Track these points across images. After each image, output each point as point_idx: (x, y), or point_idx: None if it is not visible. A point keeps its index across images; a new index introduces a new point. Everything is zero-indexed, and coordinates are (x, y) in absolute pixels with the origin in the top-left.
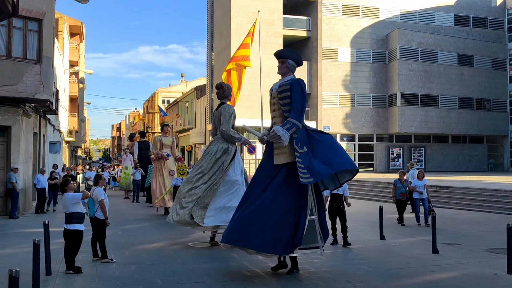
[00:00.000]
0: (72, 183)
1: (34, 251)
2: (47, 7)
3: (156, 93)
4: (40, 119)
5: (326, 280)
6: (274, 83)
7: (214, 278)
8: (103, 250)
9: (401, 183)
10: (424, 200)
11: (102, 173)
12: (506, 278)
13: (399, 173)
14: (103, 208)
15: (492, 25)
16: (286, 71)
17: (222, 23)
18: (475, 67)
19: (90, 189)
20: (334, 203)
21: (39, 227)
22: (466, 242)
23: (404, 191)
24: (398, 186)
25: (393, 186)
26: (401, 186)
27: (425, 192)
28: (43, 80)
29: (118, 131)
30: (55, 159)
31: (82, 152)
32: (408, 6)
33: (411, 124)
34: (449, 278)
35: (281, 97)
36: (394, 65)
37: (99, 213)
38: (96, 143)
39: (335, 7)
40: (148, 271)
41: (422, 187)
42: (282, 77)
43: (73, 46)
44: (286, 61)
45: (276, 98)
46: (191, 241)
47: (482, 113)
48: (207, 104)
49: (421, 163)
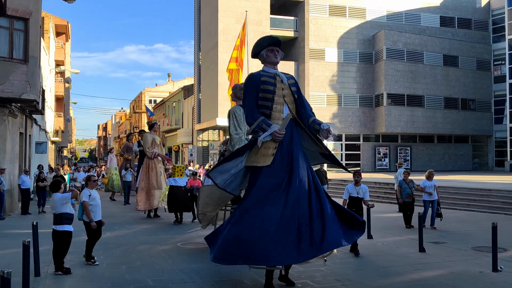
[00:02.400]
0: (63, 184)
1: (23, 252)
2: (33, 6)
3: (143, 93)
4: (26, 119)
5: (315, 279)
6: (268, 70)
7: (205, 278)
8: (87, 252)
9: (407, 183)
10: (434, 202)
11: (92, 174)
12: (491, 275)
13: (404, 173)
14: (86, 210)
15: (476, 26)
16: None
17: (210, 22)
18: (460, 67)
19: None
20: (353, 208)
21: (25, 228)
22: (452, 240)
23: (411, 192)
24: (404, 187)
25: (398, 187)
26: (407, 187)
27: (435, 193)
28: (29, 80)
29: (104, 131)
30: (41, 159)
31: (68, 152)
32: (394, 7)
33: (398, 124)
34: (436, 276)
35: (294, 91)
36: (381, 66)
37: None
38: (82, 143)
39: (322, 8)
40: (138, 272)
41: (432, 188)
42: (274, 67)
43: (59, 46)
44: (281, 52)
45: (288, 90)
46: (180, 241)
47: (467, 113)
48: (195, 104)
49: (407, 162)
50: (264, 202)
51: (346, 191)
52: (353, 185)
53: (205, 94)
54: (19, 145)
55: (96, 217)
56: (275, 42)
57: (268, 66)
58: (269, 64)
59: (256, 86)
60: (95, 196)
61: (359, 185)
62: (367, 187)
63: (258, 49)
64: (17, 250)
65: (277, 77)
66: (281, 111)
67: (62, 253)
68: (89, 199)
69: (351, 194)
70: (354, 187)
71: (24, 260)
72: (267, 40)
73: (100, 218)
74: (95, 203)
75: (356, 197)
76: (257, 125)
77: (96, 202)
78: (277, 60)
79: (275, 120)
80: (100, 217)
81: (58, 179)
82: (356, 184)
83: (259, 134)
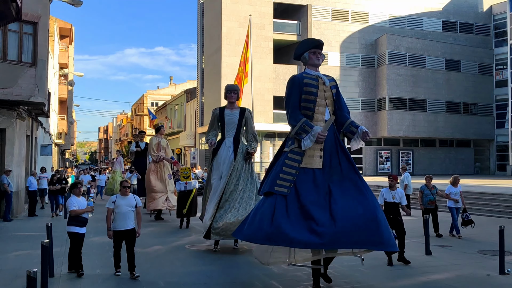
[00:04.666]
0: (80, 187)
1: (42, 253)
2: (42, 10)
3: (145, 96)
4: (33, 122)
5: (323, 281)
6: (311, 72)
7: (215, 280)
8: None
9: (429, 189)
10: (458, 209)
11: (80, 181)
12: (499, 278)
13: (426, 178)
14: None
15: (478, 30)
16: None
17: (213, 26)
18: (462, 72)
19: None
20: (390, 214)
21: (33, 230)
22: (457, 244)
23: (433, 198)
24: (426, 193)
25: (420, 193)
26: (429, 193)
27: (460, 200)
28: (38, 83)
29: (105, 133)
30: (45, 162)
31: (70, 154)
32: (396, 12)
33: (400, 128)
34: (444, 279)
35: (334, 93)
36: (383, 70)
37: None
38: (83, 146)
39: (325, 12)
40: (148, 274)
41: (458, 194)
42: (316, 69)
43: (63, 49)
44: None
45: (329, 93)
46: (187, 244)
47: (469, 117)
48: (197, 107)
49: (409, 166)
50: (315, 204)
51: (381, 196)
52: (388, 189)
53: (208, 97)
54: (26, 148)
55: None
56: (318, 45)
57: (310, 68)
58: (311, 66)
59: (299, 88)
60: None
61: (395, 189)
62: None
63: (301, 51)
64: (28, 251)
65: (319, 79)
66: (323, 113)
67: (74, 254)
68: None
69: (386, 199)
70: (389, 191)
71: (43, 260)
72: (310, 42)
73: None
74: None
75: (392, 202)
76: (299, 127)
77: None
78: (319, 62)
79: (317, 121)
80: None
81: (78, 181)
82: (391, 188)
83: (302, 135)
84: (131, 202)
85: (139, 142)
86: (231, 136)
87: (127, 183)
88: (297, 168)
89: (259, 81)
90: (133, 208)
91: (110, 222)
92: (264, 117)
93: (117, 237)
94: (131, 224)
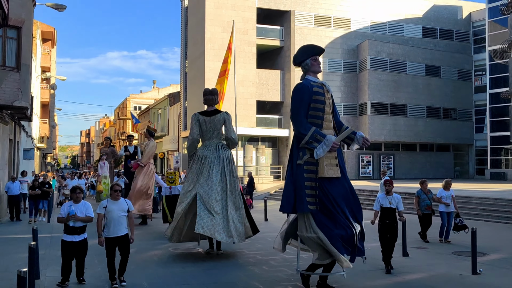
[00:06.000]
0: (79, 192)
1: (30, 255)
2: (26, 15)
3: (128, 100)
4: (15, 126)
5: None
6: (317, 80)
7: (199, 281)
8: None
9: (425, 194)
10: (450, 214)
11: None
12: (471, 278)
13: (421, 182)
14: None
15: (458, 37)
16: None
17: (197, 31)
18: (442, 77)
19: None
20: (386, 220)
21: (16, 233)
22: (434, 246)
23: (430, 203)
24: (423, 197)
25: (416, 198)
26: (426, 198)
27: (452, 204)
28: (21, 88)
29: (87, 137)
30: (27, 166)
31: (51, 158)
32: (378, 18)
33: (381, 132)
34: (419, 279)
35: (332, 101)
36: (365, 75)
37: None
38: (64, 150)
39: (308, 18)
40: (132, 275)
41: (450, 198)
42: (315, 76)
43: (45, 52)
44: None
45: (330, 100)
46: (171, 246)
47: (449, 122)
48: (181, 111)
49: (390, 170)
50: (333, 214)
51: (377, 201)
52: (384, 195)
53: (191, 101)
54: (9, 152)
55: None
56: (320, 52)
57: (310, 75)
58: (312, 73)
59: (309, 97)
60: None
61: (391, 195)
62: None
63: (304, 57)
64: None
65: (324, 87)
66: (330, 120)
67: (63, 262)
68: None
69: (383, 205)
70: (385, 197)
71: (30, 262)
72: (312, 49)
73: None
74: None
75: (389, 208)
76: (311, 136)
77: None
78: (320, 69)
79: (326, 130)
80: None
81: (77, 186)
82: (388, 193)
83: (313, 144)
84: (123, 206)
85: (128, 146)
86: (212, 139)
87: (119, 186)
88: (315, 180)
89: (242, 86)
90: (126, 212)
91: (101, 229)
92: (247, 121)
93: (110, 244)
94: (124, 230)
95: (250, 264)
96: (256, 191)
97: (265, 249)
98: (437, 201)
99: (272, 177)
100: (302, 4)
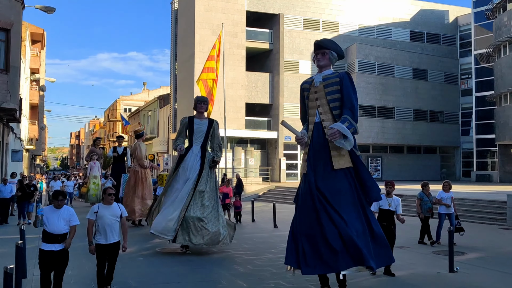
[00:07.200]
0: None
1: (17, 253)
2: (14, 18)
3: (118, 101)
4: (4, 128)
5: (287, 279)
6: (313, 76)
7: (186, 279)
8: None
9: (427, 196)
10: (451, 215)
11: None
12: (447, 276)
13: (423, 185)
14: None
15: (445, 41)
16: (327, 63)
17: (186, 34)
18: (429, 81)
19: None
20: (384, 222)
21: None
22: (415, 246)
23: (431, 205)
24: (425, 200)
25: (417, 201)
26: (428, 200)
27: (452, 206)
28: (10, 89)
29: (77, 139)
30: (16, 167)
31: (41, 160)
32: (366, 22)
33: (369, 135)
34: (398, 277)
35: (328, 91)
36: (353, 78)
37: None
38: (54, 151)
39: (297, 21)
40: (120, 274)
41: (449, 199)
42: (320, 70)
43: (34, 54)
44: (328, 53)
45: (321, 92)
46: (158, 247)
47: (436, 125)
48: (170, 113)
49: (378, 172)
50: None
51: (375, 202)
52: (384, 196)
53: (181, 103)
54: None
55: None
56: (315, 47)
57: (318, 71)
58: (318, 68)
59: (302, 95)
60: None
61: (391, 197)
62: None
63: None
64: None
65: (313, 82)
66: (313, 115)
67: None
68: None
69: (381, 206)
70: (385, 198)
71: (17, 259)
72: (314, 46)
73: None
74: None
75: (387, 210)
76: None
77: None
78: (319, 63)
79: (311, 124)
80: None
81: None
82: (388, 195)
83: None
84: (116, 211)
85: (117, 147)
86: (199, 144)
87: (112, 190)
88: (303, 176)
89: (232, 88)
90: (118, 218)
91: (92, 235)
92: (236, 123)
93: (101, 252)
94: (117, 237)
95: (236, 264)
96: (245, 193)
97: (252, 249)
98: (437, 203)
99: (260, 179)
100: (291, 8)
